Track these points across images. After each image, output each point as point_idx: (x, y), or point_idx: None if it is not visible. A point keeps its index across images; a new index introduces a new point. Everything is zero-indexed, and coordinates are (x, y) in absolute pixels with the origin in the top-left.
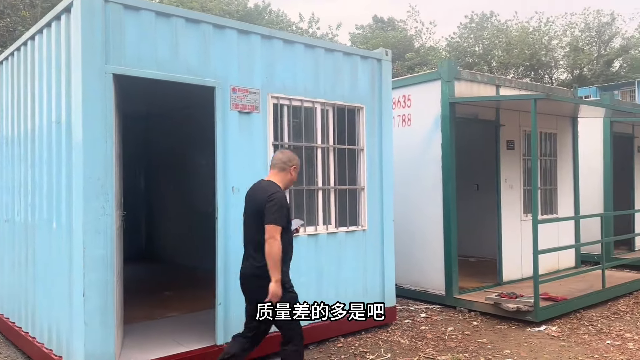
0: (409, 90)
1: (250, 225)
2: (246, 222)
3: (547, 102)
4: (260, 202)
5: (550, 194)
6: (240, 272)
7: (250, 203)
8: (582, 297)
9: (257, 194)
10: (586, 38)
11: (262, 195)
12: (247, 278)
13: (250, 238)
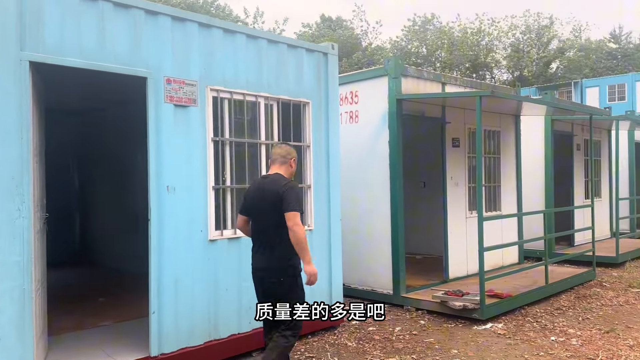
0: (357, 87)
1: (264, 218)
2: (258, 217)
3: (491, 100)
4: (275, 193)
5: (495, 191)
6: (256, 267)
7: (260, 198)
8: (527, 294)
9: (269, 187)
10: (526, 40)
11: (275, 187)
12: (267, 271)
13: (266, 231)
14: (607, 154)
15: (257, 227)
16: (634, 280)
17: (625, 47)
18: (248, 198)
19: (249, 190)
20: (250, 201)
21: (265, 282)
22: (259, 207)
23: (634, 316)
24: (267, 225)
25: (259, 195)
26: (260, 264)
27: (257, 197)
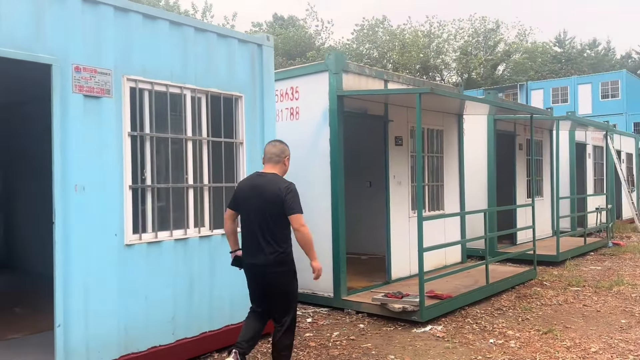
0: (297, 82)
1: (261, 216)
2: (254, 214)
3: (432, 99)
4: (275, 195)
5: (438, 191)
6: (254, 262)
7: (257, 196)
8: (467, 294)
9: (268, 187)
10: (474, 43)
11: (275, 188)
12: (267, 267)
13: (264, 229)
14: (548, 153)
15: (252, 224)
16: (574, 279)
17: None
18: (241, 194)
19: (242, 187)
20: (244, 198)
21: (266, 275)
22: (255, 204)
23: (572, 316)
24: (266, 223)
25: (256, 193)
26: (259, 259)
27: (253, 194)
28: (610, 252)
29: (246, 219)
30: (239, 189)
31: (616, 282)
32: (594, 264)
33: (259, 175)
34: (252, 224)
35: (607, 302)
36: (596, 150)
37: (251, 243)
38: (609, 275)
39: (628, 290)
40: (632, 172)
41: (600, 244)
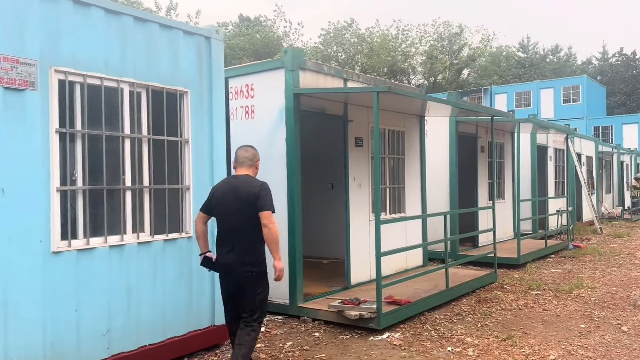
0: (253, 79)
1: (237, 217)
2: (230, 216)
3: (392, 98)
4: (251, 194)
5: (399, 193)
6: (229, 261)
7: (235, 197)
8: (427, 299)
9: (244, 188)
10: (439, 47)
11: (251, 188)
12: (242, 266)
13: (240, 229)
14: (510, 156)
15: (228, 226)
16: (534, 282)
17: (532, 57)
18: (217, 197)
19: (217, 190)
20: (221, 200)
21: (240, 274)
22: (232, 206)
23: (532, 321)
24: (241, 224)
25: (233, 194)
26: (234, 259)
27: (229, 196)
28: (571, 255)
29: (223, 221)
30: (214, 192)
31: (576, 285)
32: (555, 266)
33: (234, 178)
34: (229, 225)
35: (567, 306)
36: (557, 153)
37: (227, 244)
38: (569, 278)
39: (588, 293)
40: (592, 174)
41: (561, 246)
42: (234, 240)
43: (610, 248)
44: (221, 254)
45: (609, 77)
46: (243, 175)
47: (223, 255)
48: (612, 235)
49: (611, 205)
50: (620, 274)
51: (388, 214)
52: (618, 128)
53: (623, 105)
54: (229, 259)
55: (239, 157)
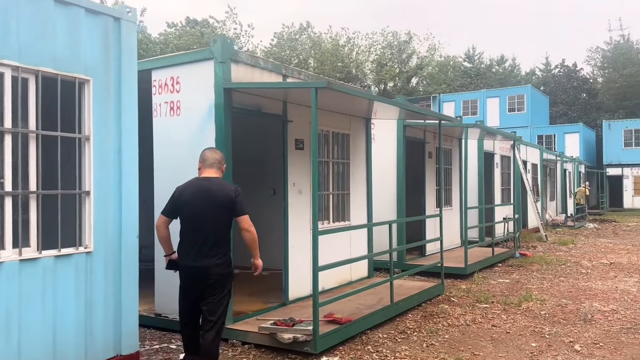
0: (179, 71)
1: (208, 219)
2: (200, 218)
3: (335, 97)
4: (226, 197)
5: (343, 200)
6: (198, 265)
7: (206, 200)
8: (369, 316)
9: (218, 190)
10: (389, 55)
11: (225, 191)
12: (212, 268)
13: (212, 232)
14: (457, 162)
15: (199, 228)
16: (481, 294)
17: (478, 67)
18: (185, 199)
19: (184, 191)
20: (190, 203)
21: (209, 276)
22: (204, 209)
23: (481, 339)
24: (214, 227)
25: (204, 196)
26: (204, 262)
27: (200, 199)
28: (518, 263)
29: (192, 224)
30: (180, 194)
31: (525, 298)
32: (502, 276)
33: (204, 180)
34: (200, 227)
35: (516, 321)
36: (503, 160)
37: (195, 247)
38: (517, 289)
39: (537, 306)
40: (537, 182)
41: (507, 254)
42: (205, 243)
43: (557, 256)
44: (189, 258)
45: (551, 87)
46: (214, 178)
47: (192, 259)
48: (558, 242)
49: (555, 212)
50: (568, 284)
51: (332, 222)
52: (560, 137)
53: (565, 115)
54: (200, 262)
55: (208, 158)
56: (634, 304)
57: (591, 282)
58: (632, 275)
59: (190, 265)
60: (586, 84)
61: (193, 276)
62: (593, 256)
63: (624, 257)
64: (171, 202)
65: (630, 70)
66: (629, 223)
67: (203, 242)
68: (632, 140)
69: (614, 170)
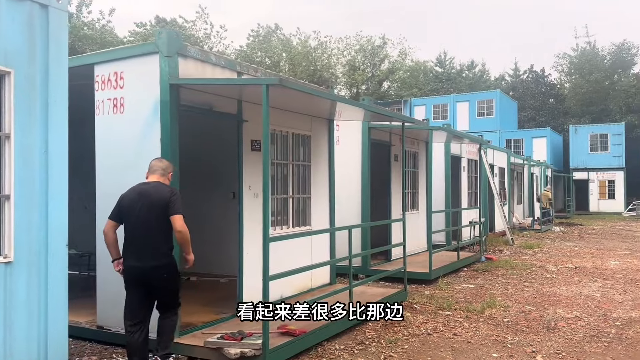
0: (123, 66)
1: (149, 222)
2: (141, 221)
3: (293, 97)
4: (163, 199)
5: (304, 204)
6: (142, 265)
7: (147, 203)
8: (327, 326)
9: (156, 193)
10: (361, 59)
11: (162, 193)
12: (157, 268)
13: (152, 233)
14: (425, 165)
15: (140, 230)
16: (444, 301)
17: (449, 72)
18: (127, 203)
19: (126, 197)
20: (130, 206)
21: (155, 275)
22: (143, 212)
23: (441, 349)
24: (151, 227)
25: (144, 200)
26: (148, 262)
27: (140, 202)
28: (483, 268)
29: (134, 227)
30: (123, 199)
31: (488, 304)
32: (467, 281)
33: (144, 184)
34: (140, 229)
35: (478, 329)
36: (471, 163)
37: (138, 248)
38: (481, 295)
39: (500, 313)
40: (505, 185)
41: (473, 258)
42: (146, 244)
43: (522, 260)
44: (132, 258)
45: (520, 92)
46: (153, 182)
47: (135, 260)
48: (524, 246)
49: (522, 215)
50: (533, 289)
51: (291, 227)
52: (528, 141)
53: (533, 119)
54: (142, 262)
55: (152, 166)
56: (597, 311)
57: (556, 287)
58: (596, 279)
59: (134, 266)
60: (553, 90)
61: (137, 276)
62: (558, 260)
63: (589, 261)
64: (116, 207)
65: (596, 76)
66: (594, 226)
67: (144, 243)
68: (598, 145)
69: (580, 174)
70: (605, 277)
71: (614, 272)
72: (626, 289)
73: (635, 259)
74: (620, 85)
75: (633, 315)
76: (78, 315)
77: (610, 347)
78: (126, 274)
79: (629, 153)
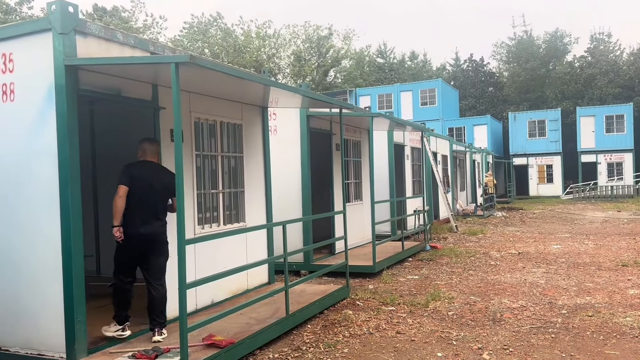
0: (12, 46)
1: (156, 194)
2: (149, 193)
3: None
4: (168, 180)
5: (237, 198)
6: (144, 232)
7: (157, 178)
8: (258, 334)
9: (163, 172)
10: (307, 49)
11: (169, 173)
12: (155, 235)
13: (156, 204)
14: (368, 154)
15: (147, 201)
16: (388, 295)
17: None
18: (141, 175)
19: (139, 168)
20: (143, 179)
21: (153, 242)
22: (152, 185)
23: (383, 350)
24: (158, 202)
25: (155, 175)
26: (151, 229)
27: (151, 176)
28: (428, 257)
29: (141, 196)
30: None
31: (433, 296)
32: (412, 272)
33: (150, 163)
34: (148, 200)
35: (422, 325)
36: (414, 151)
37: (143, 216)
38: (425, 287)
39: (444, 306)
40: (448, 173)
41: (418, 248)
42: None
43: (466, 247)
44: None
45: (461, 81)
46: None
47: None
48: (468, 232)
49: (465, 202)
50: (477, 278)
51: (223, 224)
52: (470, 129)
53: (473, 107)
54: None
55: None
56: (542, 298)
57: (500, 275)
58: (540, 265)
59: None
60: (492, 78)
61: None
62: (502, 246)
63: (531, 245)
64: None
65: (532, 64)
66: (534, 210)
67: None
68: (536, 130)
69: (519, 159)
70: (549, 262)
71: (557, 256)
72: (569, 274)
73: (575, 242)
74: (555, 72)
75: (578, 301)
76: None
77: (557, 339)
78: (131, 241)
79: (565, 138)
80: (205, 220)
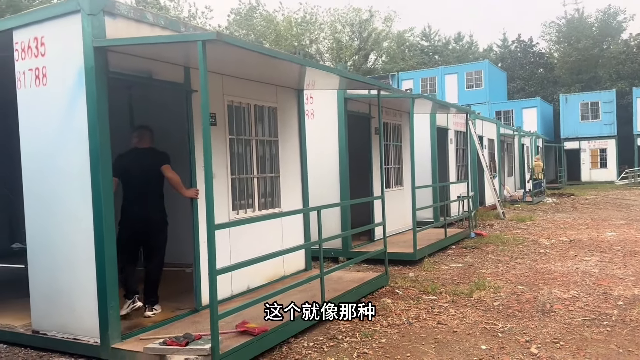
0: (43, 30)
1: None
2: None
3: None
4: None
5: (273, 183)
6: (142, 214)
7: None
8: (293, 323)
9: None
10: (348, 33)
11: (160, 156)
12: (152, 216)
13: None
14: (409, 138)
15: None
16: (429, 284)
17: (435, 45)
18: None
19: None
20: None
21: (149, 226)
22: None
23: (423, 342)
24: (154, 183)
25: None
26: (146, 212)
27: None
28: (473, 244)
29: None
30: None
31: (477, 286)
32: (455, 260)
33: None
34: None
35: (465, 316)
36: (458, 135)
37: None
38: (469, 275)
39: (490, 296)
40: (495, 157)
41: (462, 235)
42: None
43: (514, 235)
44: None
45: (508, 63)
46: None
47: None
48: (515, 219)
49: (513, 188)
50: (525, 266)
51: (257, 210)
52: (518, 112)
53: (522, 90)
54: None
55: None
56: (596, 289)
57: (550, 264)
58: (593, 253)
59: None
60: (542, 59)
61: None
62: (552, 233)
63: (584, 233)
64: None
65: (584, 44)
66: (587, 196)
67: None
68: (589, 113)
69: (571, 144)
70: (603, 250)
71: (612, 244)
72: (626, 263)
73: (632, 229)
74: (610, 52)
75: (636, 292)
76: (14, 318)
77: (613, 332)
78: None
79: (620, 120)
80: (240, 206)
